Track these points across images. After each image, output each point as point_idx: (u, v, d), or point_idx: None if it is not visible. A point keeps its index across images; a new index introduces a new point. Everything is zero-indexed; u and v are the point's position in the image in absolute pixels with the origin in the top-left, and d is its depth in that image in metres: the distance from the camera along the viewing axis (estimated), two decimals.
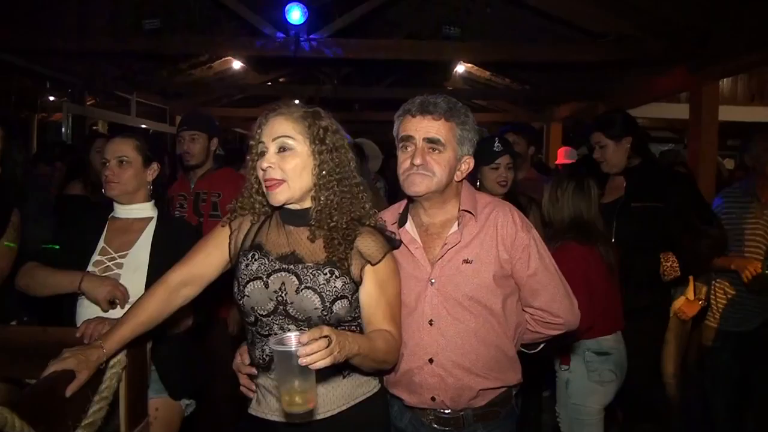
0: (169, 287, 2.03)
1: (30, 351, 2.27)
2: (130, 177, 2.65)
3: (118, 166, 2.64)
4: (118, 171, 2.64)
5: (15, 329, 2.51)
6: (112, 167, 2.63)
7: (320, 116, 1.99)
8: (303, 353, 1.57)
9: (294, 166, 1.92)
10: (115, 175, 2.63)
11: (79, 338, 2.17)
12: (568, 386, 3.10)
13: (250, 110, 15.04)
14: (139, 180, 2.69)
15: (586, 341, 3.05)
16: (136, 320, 1.99)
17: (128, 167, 2.66)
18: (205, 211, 3.88)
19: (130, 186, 2.66)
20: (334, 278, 1.92)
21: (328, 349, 1.60)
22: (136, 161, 2.68)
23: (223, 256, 2.06)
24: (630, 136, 3.57)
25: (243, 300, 1.96)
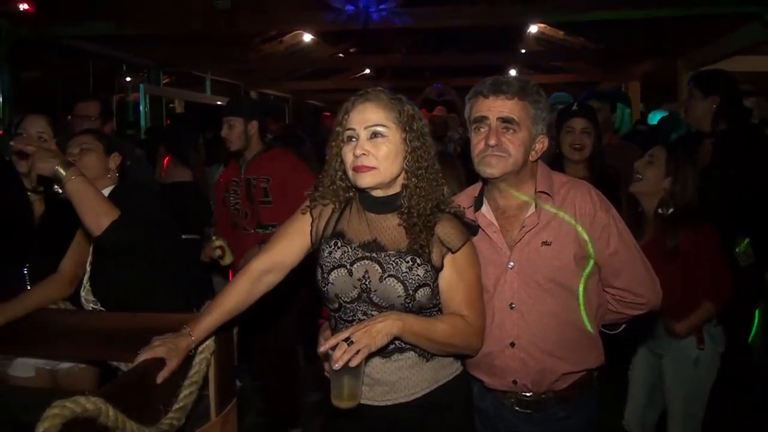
0: (253, 275, 2.06)
1: (119, 335, 2.38)
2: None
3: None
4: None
5: (105, 315, 2.61)
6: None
7: (405, 103, 1.97)
8: (334, 358, 1.73)
9: (387, 153, 1.91)
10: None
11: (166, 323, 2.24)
12: (698, 364, 2.96)
13: (321, 83, 15.16)
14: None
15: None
16: (222, 308, 2.04)
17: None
18: (257, 198, 3.83)
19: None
20: (416, 266, 1.92)
21: (350, 349, 1.73)
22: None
23: (305, 243, 2.08)
24: (716, 96, 3.41)
25: (327, 287, 1.99)
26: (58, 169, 2.25)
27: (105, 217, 2.31)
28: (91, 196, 2.31)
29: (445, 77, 13.71)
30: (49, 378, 2.75)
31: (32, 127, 2.67)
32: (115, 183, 2.75)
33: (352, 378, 1.79)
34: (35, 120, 2.70)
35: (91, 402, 1.57)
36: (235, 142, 3.81)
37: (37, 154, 2.26)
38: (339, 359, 1.73)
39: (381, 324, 1.83)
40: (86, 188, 2.31)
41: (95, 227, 2.31)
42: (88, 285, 2.72)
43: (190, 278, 2.87)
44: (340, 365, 1.73)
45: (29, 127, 2.67)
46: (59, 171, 2.25)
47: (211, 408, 2.20)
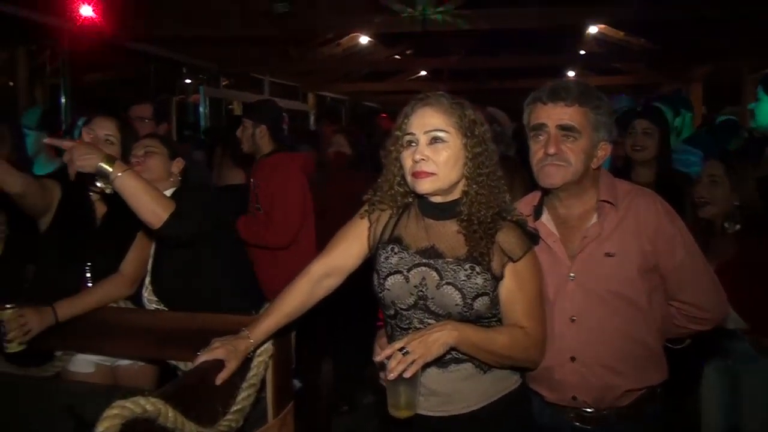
0: (312, 279, 2.06)
1: (178, 335, 2.42)
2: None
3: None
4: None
5: (165, 314, 2.64)
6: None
7: (467, 108, 1.93)
8: (389, 369, 1.72)
9: (447, 159, 1.87)
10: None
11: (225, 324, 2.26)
12: None
13: (377, 84, 15.18)
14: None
15: None
16: (281, 311, 2.04)
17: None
18: (253, 202, 3.86)
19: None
20: (475, 274, 1.88)
21: (405, 359, 1.71)
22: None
23: (363, 248, 2.06)
24: None
25: (383, 293, 1.97)
26: (101, 165, 2.20)
27: (162, 210, 2.31)
28: (144, 190, 2.28)
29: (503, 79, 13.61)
30: (109, 374, 2.79)
31: (100, 129, 2.69)
32: (176, 186, 2.78)
33: (408, 388, 1.76)
34: (104, 122, 2.72)
35: (150, 403, 1.58)
36: (245, 144, 3.92)
37: (75, 150, 2.20)
38: (394, 369, 1.71)
39: (437, 334, 1.80)
40: (137, 182, 2.28)
41: (154, 220, 2.31)
42: (149, 285, 2.76)
43: (248, 279, 2.88)
44: (395, 376, 1.71)
45: (97, 129, 2.68)
46: (103, 167, 2.20)
47: (269, 410, 2.22)
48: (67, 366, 2.70)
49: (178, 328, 2.43)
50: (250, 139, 3.88)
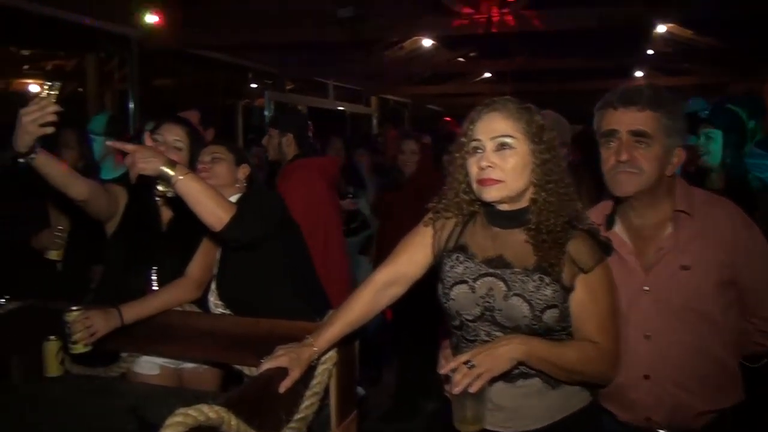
0: (376, 287, 2.03)
1: (243, 340, 2.42)
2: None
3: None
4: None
5: (229, 319, 2.64)
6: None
7: (535, 113, 1.86)
8: (454, 382, 1.68)
9: (514, 166, 1.81)
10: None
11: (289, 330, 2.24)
12: None
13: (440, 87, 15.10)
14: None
15: None
16: (345, 320, 2.02)
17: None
18: None
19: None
20: (544, 285, 1.81)
21: (470, 373, 1.67)
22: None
23: (427, 256, 2.02)
24: None
25: (448, 303, 1.92)
26: (163, 169, 2.20)
27: (224, 212, 2.31)
28: (206, 193, 2.29)
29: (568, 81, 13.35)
30: (173, 376, 2.82)
31: (169, 134, 2.71)
32: (242, 192, 2.78)
33: (474, 402, 1.71)
34: (172, 128, 2.74)
35: (214, 411, 1.57)
36: (271, 152, 3.95)
37: (138, 153, 2.20)
38: (459, 383, 1.67)
39: (504, 347, 1.75)
40: (199, 185, 2.28)
41: (216, 223, 2.31)
42: (215, 289, 2.77)
43: (312, 285, 2.86)
44: (460, 390, 1.67)
45: (166, 134, 2.70)
46: (165, 170, 2.20)
47: (332, 419, 2.19)
48: (133, 367, 2.73)
49: (242, 333, 2.43)
50: (277, 148, 3.92)
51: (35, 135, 2.05)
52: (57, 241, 3.21)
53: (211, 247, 2.75)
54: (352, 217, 5.24)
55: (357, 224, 5.30)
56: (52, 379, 2.53)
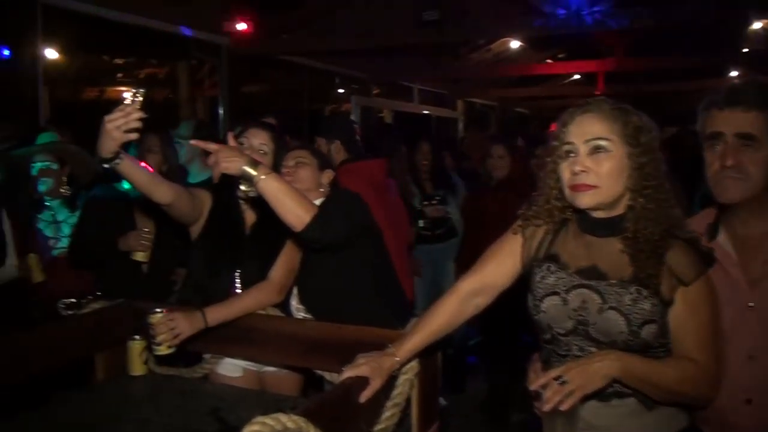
0: (461, 296, 1.95)
1: (324, 345, 2.40)
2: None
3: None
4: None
5: (311, 324, 2.63)
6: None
7: (632, 113, 1.74)
8: (545, 399, 1.59)
9: (609, 170, 1.69)
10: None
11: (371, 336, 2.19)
12: None
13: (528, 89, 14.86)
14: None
15: None
16: (428, 329, 1.95)
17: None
18: None
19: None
20: (642, 298, 1.68)
21: (562, 390, 1.57)
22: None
23: (516, 265, 1.93)
24: None
25: (539, 315, 1.82)
26: (246, 168, 2.18)
27: (305, 213, 2.28)
28: (287, 193, 2.27)
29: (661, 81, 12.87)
30: (256, 379, 2.81)
31: (255, 139, 2.71)
32: (324, 197, 2.76)
33: (565, 421, 1.62)
34: (258, 132, 2.73)
35: (292, 420, 1.54)
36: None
37: (221, 153, 2.20)
38: (550, 400, 1.58)
39: (598, 364, 1.63)
40: (281, 185, 2.27)
41: (297, 222, 2.29)
42: (297, 293, 2.77)
43: (395, 292, 2.81)
44: (551, 407, 1.58)
45: (252, 138, 2.70)
46: (247, 170, 2.18)
47: (413, 430, 2.13)
48: (216, 368, 2.75)
49: (324, 338, 2.41)
50: (327, 155, 3.82)
51: (120, 141, 2.07)
52: (144, 243, 3.27)
53: (294, 251, 2.73)
54: (438, 222, 5.15)
55: (444, 230, 5.18)
56: (135, 378, 2.57)
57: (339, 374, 1.89)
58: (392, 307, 2.70)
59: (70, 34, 6.74)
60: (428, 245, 5.13)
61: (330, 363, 2.33)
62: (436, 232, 5.15)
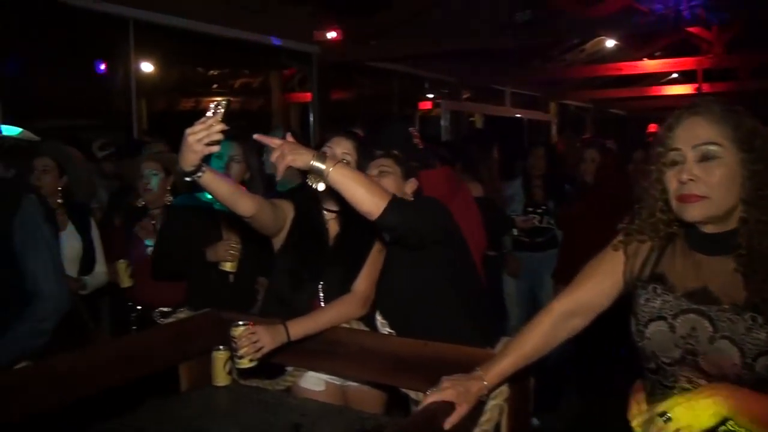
0: (555, 317, 1.82)
1: (409, 362, 2.30)
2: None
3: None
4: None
5: (395, 339, 2.55)
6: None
7: (744, 115, 1.57)
8: None
9: (720, 179, 1.53)
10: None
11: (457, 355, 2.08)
12: None
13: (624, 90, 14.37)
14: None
15: None
16: (520, 352, 1.83)
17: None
18: None
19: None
20: (757, 327, 1.50)
21: (666, 428, 1.40)
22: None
23: (616, 285, 1.77)
24: None
25: (643, 342, 1.66)
26: (313, 162, 2.10)
27: (381, 198, 2.18)
28: (359, 181, 2.18)
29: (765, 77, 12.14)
30: (338, 393, 2.76)
31: (338, 147, 2.66)
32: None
33: None
34: (341, 141, 2.69)
35: None
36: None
37: (286, 147, 2.13)
38: None
39: (708, 400, 1.44)
40: (351, 173, 2.18)
41: (373, 208, 2.18)
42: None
43: (482, 309, 2.68)
44: None
45: (335, 147, 2.66)
46: (315, 163, 2.10)
47: None
48: (299, 381, 2.71)
49: (408, 355, 2.31)
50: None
51: (201, 154, 2.03)
52: (232, 253, 3.26)
53: (378, 263, 2.67)
54: (537, 231, 5.00)
55: (544, 239, 5.02)
56: (219, 389, 2.56)
57: (422, 401, 1.79)
58: (480, 324, 2.57)
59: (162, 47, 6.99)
60: (526, 252, 5.01)
61: (413, 381, 2.25)
62: (536, 240, 5.00)
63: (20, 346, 2.52)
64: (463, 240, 2.68)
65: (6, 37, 5.14)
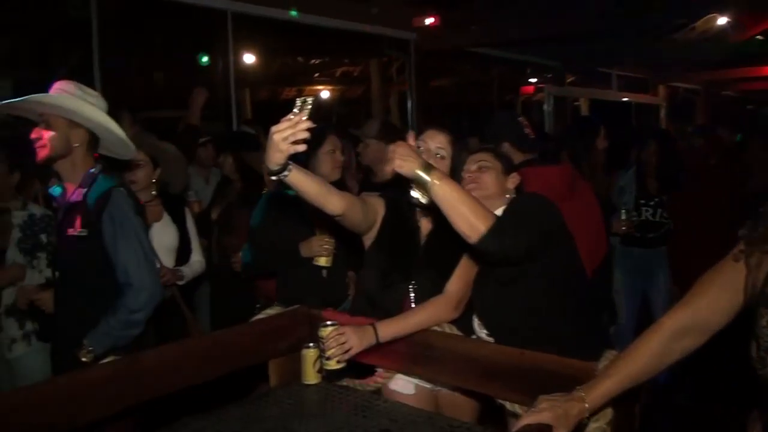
0: (665, 335, 1.64)
1: (504, 371, 2.18)
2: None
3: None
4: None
5: (490, 346, 2.42)
6: None
7: None
8: None
9: None
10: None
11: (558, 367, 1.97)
12: None
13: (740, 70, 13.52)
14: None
15: None
16: (625, 372, 1.67)
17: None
18: None
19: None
20: None
21: None
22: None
23: (735, 301, 1.57)
24: None
25: (765, 371, 1.48)
26: (419, 172, 2.04)
27: (481, 223, 2.08)
28: (462, 200, 2.09)
29: None
30: (430, 399, 2.67)
31: (432, 142, 2.59)
32: (508, 204, 2.55)
33: None
34: (436, 135, 2.62)
35: None
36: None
37: (398, 150, 2.08)
38: None
39: None
40: (455, 191, 2.09)
41: (471, 233, 2.10)
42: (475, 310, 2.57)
43: (588, 315, 2.52)
44: None
45: (429, 141, 2.59)
46: (421, 174, 2.04)
47: None
48: (388, 383, 2.64)
49: (503, 364, 2.19)
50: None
51: (287, 153, 1.97)
52: (327, 248, 3.22)
53: (473, 263, 2.55)
54: (649, 226, 4.69)
55: (656, 235, 4.70)
56: (308, 387, 2.52)
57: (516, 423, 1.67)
58: (583, 333, 2.41)
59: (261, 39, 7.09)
60: (637, 248, 4.73)
61: (508, 392, 2.14)
62: (647, 236, 4.70)
63: (113, 338, 2.58)
64: (572, 244, 2.51)
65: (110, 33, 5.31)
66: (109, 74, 5.27)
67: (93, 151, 2.74)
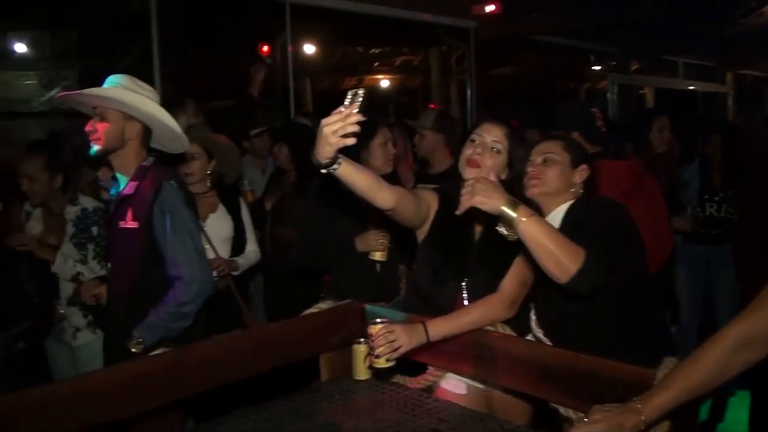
0: (727, 347, 1.55)
1: (559, 375, 2.12)
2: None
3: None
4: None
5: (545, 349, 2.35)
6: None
7: None
8: None
9: None
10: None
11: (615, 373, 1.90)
12: None
13: None
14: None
15: None
16: (684, 384, 1.59)
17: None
18: None
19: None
20: None
21: None
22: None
23: None
24: None
25: None
26: (504, 209, 2.00)
27: (571, 263, 2.02)
28: (551, 239, 2.03)
29: None
30: (482, 399, 2.60)
31: (488, 135, 2.49)
32: (575, 198, 2.45)
33: None
34: (491, 128, 2.51)
35: None
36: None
37: (478, 185, 2.04)
38: None
39: None
40: (544, 230, 2.04)
41: (560, 274, 2.04)
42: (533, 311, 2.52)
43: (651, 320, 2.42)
44: None
45: (485, 135, 2.50)
46: (506, 211, 2.00)
47: None
48: (439, 381, 2.59)
49: (558, 367, 2.12)
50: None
51: (336, 146, 1.94)
52: (382, 242, 3.20)
53: (528, 262, 2.45)
54: (715, 222, 4.52)
55: (721, 231, 4.53)
56: (358, 383, 2.51)
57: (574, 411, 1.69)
58: (643, 338, 2.32)
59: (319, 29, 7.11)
60: (701, 245, 4.57)
61: (562, 396, 2.07)
62: (711, 232, 4.52)
63: (162, 329, 2.60)
64: (640, 249, 2.42)
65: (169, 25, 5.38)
66: (169, 65, 5.34)
67: (146, 144, 2.76)
